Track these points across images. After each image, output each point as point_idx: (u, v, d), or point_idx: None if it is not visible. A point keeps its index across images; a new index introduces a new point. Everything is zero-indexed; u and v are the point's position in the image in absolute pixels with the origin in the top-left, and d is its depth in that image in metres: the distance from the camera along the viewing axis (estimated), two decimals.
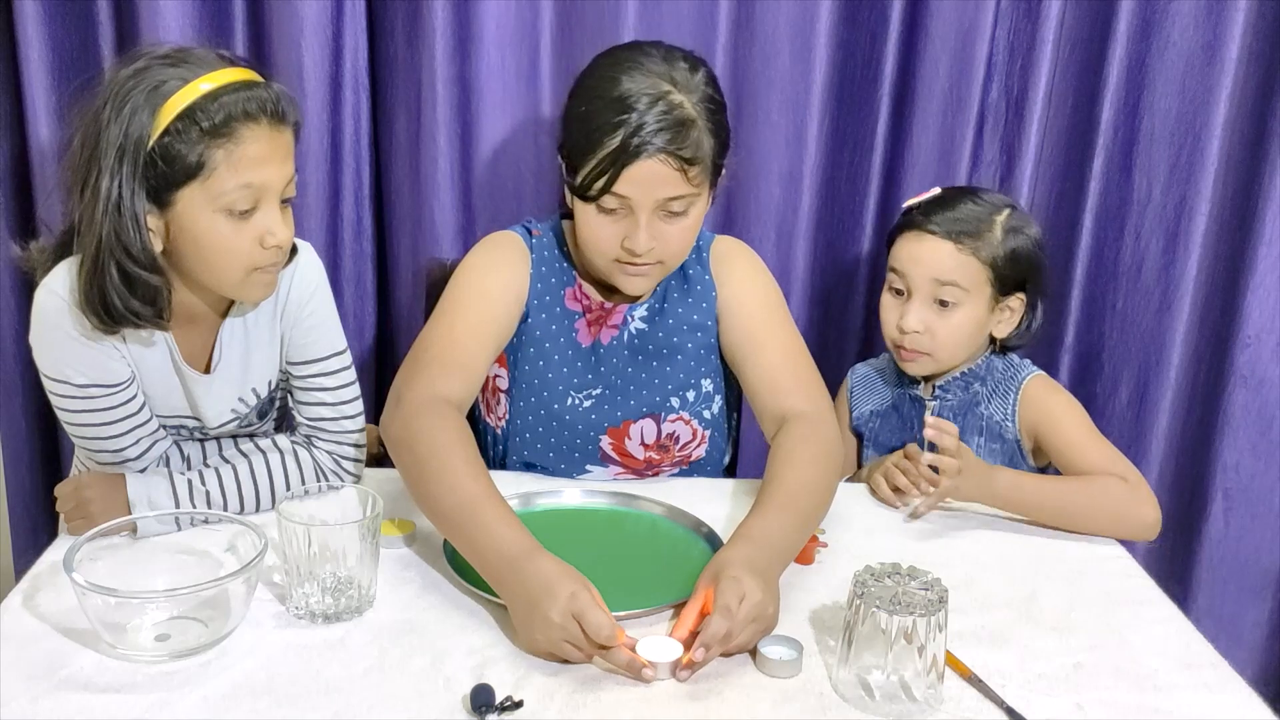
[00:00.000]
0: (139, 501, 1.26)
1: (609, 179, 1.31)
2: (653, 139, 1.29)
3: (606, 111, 1.31)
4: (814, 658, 1.10)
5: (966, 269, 1.49)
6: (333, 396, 1.36)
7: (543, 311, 1.47)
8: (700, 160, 1.33)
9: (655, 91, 1.31)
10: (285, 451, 1.36)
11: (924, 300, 1.52)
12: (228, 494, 1.31)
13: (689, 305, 1.49)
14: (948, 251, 1.50)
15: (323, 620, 1.12)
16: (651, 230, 1.35)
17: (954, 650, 1.11)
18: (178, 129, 1.13)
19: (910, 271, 1.52)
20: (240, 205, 1.17)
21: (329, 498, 1.22)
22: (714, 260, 1.51)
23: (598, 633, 1.04)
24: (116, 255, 1.15)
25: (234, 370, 1.32)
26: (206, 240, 1.18)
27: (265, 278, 1.23)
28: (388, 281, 1.88)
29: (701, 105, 1.34)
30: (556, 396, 1.47)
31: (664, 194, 1.33)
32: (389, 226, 1.85)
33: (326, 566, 1.12)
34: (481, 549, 1.15)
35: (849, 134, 1.82)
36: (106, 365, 1.22)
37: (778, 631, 1.12)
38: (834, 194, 1.85)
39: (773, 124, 1.78)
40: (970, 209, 1.51)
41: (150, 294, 1.18)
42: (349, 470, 1.38)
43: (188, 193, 1.16)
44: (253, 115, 1.15)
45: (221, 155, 1.15)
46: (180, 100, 1.13)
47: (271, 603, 1.15)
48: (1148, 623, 1.21)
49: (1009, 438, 1.54)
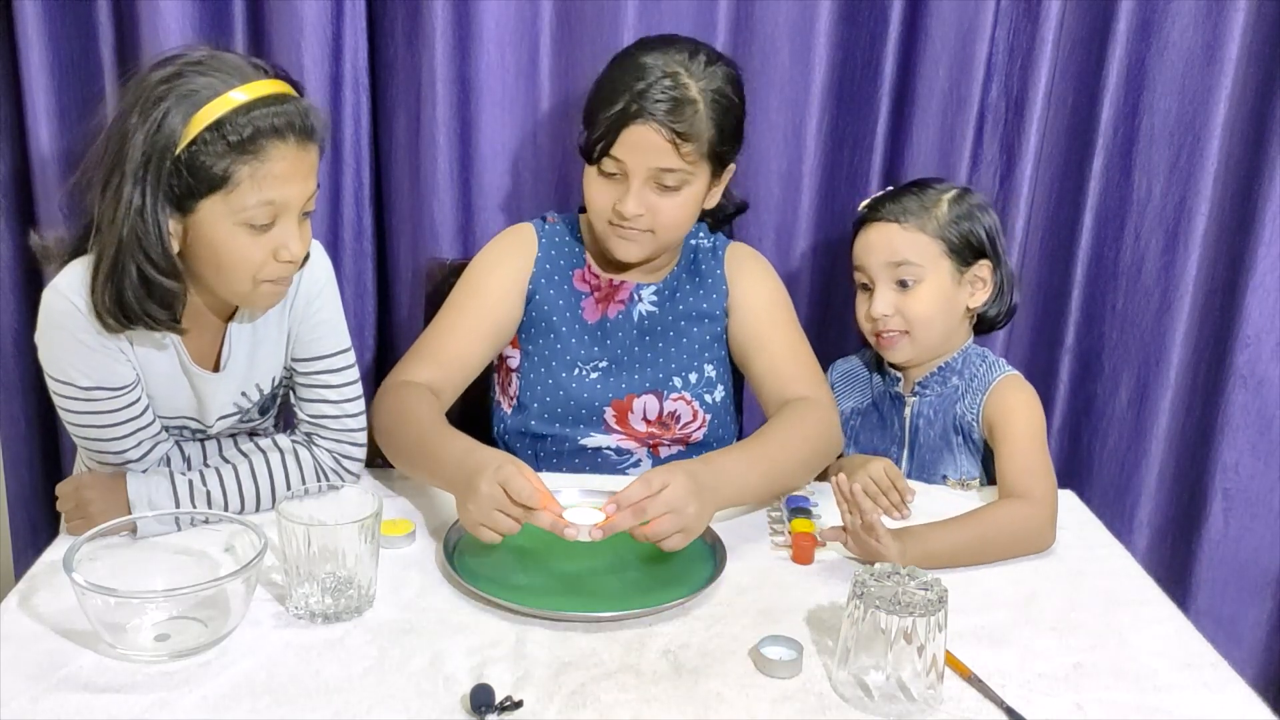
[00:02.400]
0: (139, 501, 1.26)
1: (608, 141, 1.41)
2: (652, 107, 1.39)
3: (622, 78, 1.41)
4: (814, 658, 1.10)
5: (916, 244, 1.52)
6: (336, 394, 1.36)
7: (550, 289, 1.55)
8: (694, 139, 1.41)
9: (667, 69, 1.40)
10: (285, 451, 1.36)
11: (886, 285, 1.54)
12: (228, 494, 1.31)
13: (699, 296, 1.57)
14: (894, 232, 1.53)
15: (322, 620, 1.12)
16: (641, 197, 1.43)
17: (954, 650, 1.11)
18: (205, 140, 1.13)
19: (866, 261, 1.55)
20: (259, 220, 1.18)
21: (329, 498, 1.22)
22: (729, 261, 1.60)
23: (519, 494, 1.15)
24: (136, 258, 1.15)
25: (241, 366, 1.32)
26: (223, 249, 1.18)
27: (275, 289, 1.24)
28: (388, 281, 1.88)
29: (708, 94, 1.41)
30: (565, 367, 1.55)
31: (656, 163, 1.41)
32: (389, 226, 1.85)
33: (326, 566, 1.12)
34: (440, 462, 1.29)
35: (848, 133, 1.82)
36: (112, 369, 1.22)
37: (778, 631, 1.12)
38: (833, 193, 1.85)
39: (772, 123, 1.78)
40: (914, 195, 1.55)
41: (168, 298, 1.19)
42: (349, 469, 1.38)
43: (209, 203, 1.16)
44: (280, 132, 1.15)
45: (246, 171, 1.14)
46: (210, 112, 1.13)
47: (271, 603, 1.15)
48: (1148, 623, 1.21)
49: (976, 437, 1.54)
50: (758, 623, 1.16)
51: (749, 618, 1.17)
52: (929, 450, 1.57)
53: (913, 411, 1.58)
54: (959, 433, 1.55)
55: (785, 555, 1.31)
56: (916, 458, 1.58)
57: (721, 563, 1.25)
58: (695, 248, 1.59)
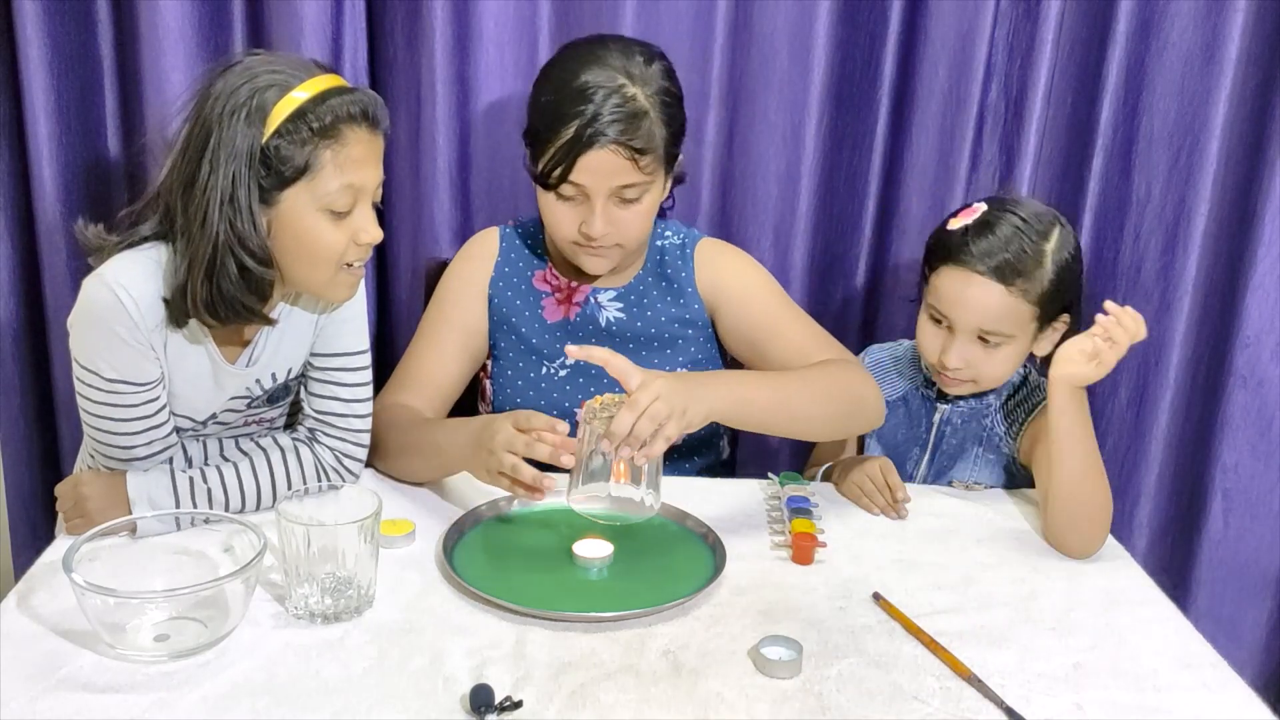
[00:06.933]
0: (139, 500, 1.26)
1: (565, 168, 1.39)
2: (606, 130, 1.36)
3: (566, 102, 1.38)
4: (814, 658, 1.10)
5: (1015, 313, 1.42)
6: (348, 393, 1.37)
7: (508, 290, 1.57)
8: (652, 150, 1.40)
9: (611, 84, 1.38)
10: (286, 449, 1.36)
11: (969, 339, 1.45)
12: (229, 492, 1.31)
13: (667, 302, 1.56)
14: (997, 297, 1.41)
15: (322, 620, 1.12)
16: (606, 216, 1.42)
17: (953, 650, 1.11)
18: (289, 130, 1.17)
19: (954, 314, 1.45)
20: (341, 205, 1.22)
21: (328, 497, 1.22)
22: (699, 262, 1.57)
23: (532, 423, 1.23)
24: (236, 252, 1.19)
25: (265, 358, 1.34)
26: (308, 237, 1.22)
27: (351, 278, 1.28)
28: (387, 281, 1.88)
29: (655, 97, 1.40)
30: (532, 366, 1.56)
31: (617, 182, 1.40)
32: (388, 226, 1.85)
33: (326, 566, 1.12)
34: (447, 439, 1.36)
35: (847, 134, 1.81)
36: (140, 365, 1.23)
37: (778, 631, 1.12)
38: (832, 194, 1.84)
39: (770, 124, 1.78)
40: (1019, 240, 1.41)
41: (264, 288, 1.23)
42: (350, 469, 1.39)
43: (293, 192, 1.20)
44: (355, 119, 1.20)
45: (329, 156, 1.19)
46: (291, 103, 1.17)
47: (270, 603, 1.15)
48: (1147, 623, 1.21)
49: (1003, 449, 1.54)
50: (758, 623, 1.16)
51: (749, 618, 1.17)
52: (948, 456, 1.56)
53: (942, 418, 1.56)
54: (981, 444, 1.54)
55: (785, 555, 1.31)
56: (935, 462, 1.57)
57: (721, 563, 1.25)
58: (662, 249, 1.58)
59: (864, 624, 1.17)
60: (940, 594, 1.24)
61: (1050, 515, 1.38)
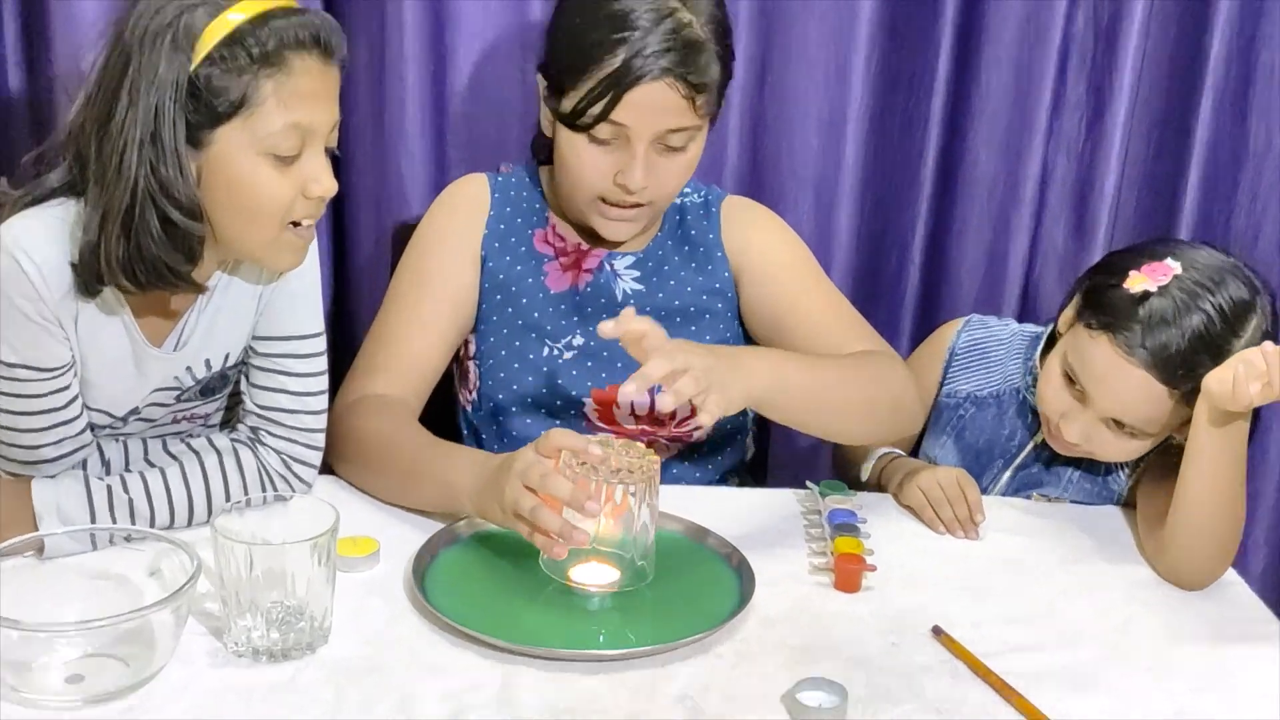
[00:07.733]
0: (46, 512, 1.26)
1: (607, 105, 1.37)
2: (659, 60, 1.35)
3: (604, 27, 1.37)
4: (860, 704, 1.10)
5: (1171, 413, 1.39)
6: (297, 384, 1.37)
7: (506, 254, 1.55)
8: (708, 88, 1.40)
9: (660, 7, 1.36)
10: (224, 452, 1.36)
11: (1101, 419, 1.43)
12: (155, 503, 1.31)
13: (692, 270, 1.56)
14: (1155, 397, 1.37)
15: (267, 658, 1.12)
16: (648, 164, 1.41)
17: (1030, 696, 1.11)
18: (222, 56, 1.16)
19: (1096, 393, 1.41)
20: (285, 148, 1.20)
21: (275, 510, 1.22)
22: (725, 222, 1.58)
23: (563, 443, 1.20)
24: (157, 201, 1.17)
25: (197, 340, 1.33)
26: (245, 186, 1.21)
27: (298, 240, 1.27)
28: (345, 247, 1.87)
29: (710, 26, 1.40)
30: (530, 346, 1.53)
31: (666, 124, 1.39)
32: (346, 179, 1.83)
33: (272, 594, 1.12)
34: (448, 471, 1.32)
35: (903, 72, 1.81)
36: (47, 346, 1.23)
37: (817, 673, 1.12)
38: (885, 145, 1.84)
39: (810, 59, 1.78)
40: (1205, 339, 1.34)
41: (190, 246, 1.21)
42: (300, 475, 1.38)
43: (227, 131, 1.18)
44: (304, 44, 1.18)
45: (270, 88, 1.17)
46: (225, 24, 1.16)
47: (205, 637, 1.15)
48: (1263, 661, 1.21)
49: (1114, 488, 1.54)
50: (793, 662, 1.16)
51: (782, 656, 1.17)
52: (1035, 476, 1.57)
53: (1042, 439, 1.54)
54: (1079, 465, 1.54)
55: (826, 581, 1.31)
56: (1018, 478, 1.57)
57: (749, 589, 1.25)
58: (682, 207, 1.58)
59: (921, 664, 1.17)
60: (1014, 628, 1.24)
61: (1169, 539, 1.37)
